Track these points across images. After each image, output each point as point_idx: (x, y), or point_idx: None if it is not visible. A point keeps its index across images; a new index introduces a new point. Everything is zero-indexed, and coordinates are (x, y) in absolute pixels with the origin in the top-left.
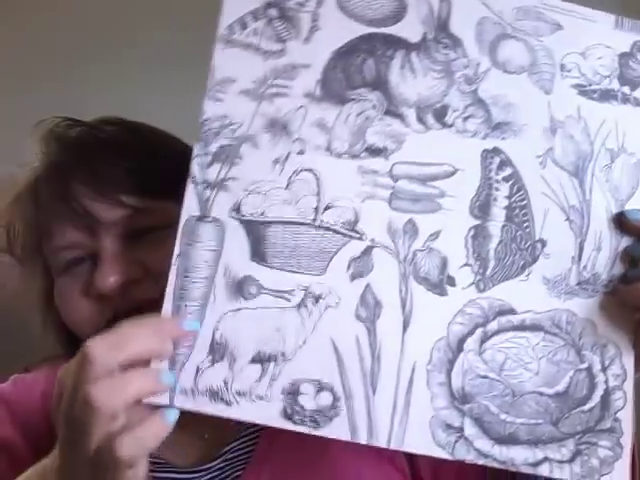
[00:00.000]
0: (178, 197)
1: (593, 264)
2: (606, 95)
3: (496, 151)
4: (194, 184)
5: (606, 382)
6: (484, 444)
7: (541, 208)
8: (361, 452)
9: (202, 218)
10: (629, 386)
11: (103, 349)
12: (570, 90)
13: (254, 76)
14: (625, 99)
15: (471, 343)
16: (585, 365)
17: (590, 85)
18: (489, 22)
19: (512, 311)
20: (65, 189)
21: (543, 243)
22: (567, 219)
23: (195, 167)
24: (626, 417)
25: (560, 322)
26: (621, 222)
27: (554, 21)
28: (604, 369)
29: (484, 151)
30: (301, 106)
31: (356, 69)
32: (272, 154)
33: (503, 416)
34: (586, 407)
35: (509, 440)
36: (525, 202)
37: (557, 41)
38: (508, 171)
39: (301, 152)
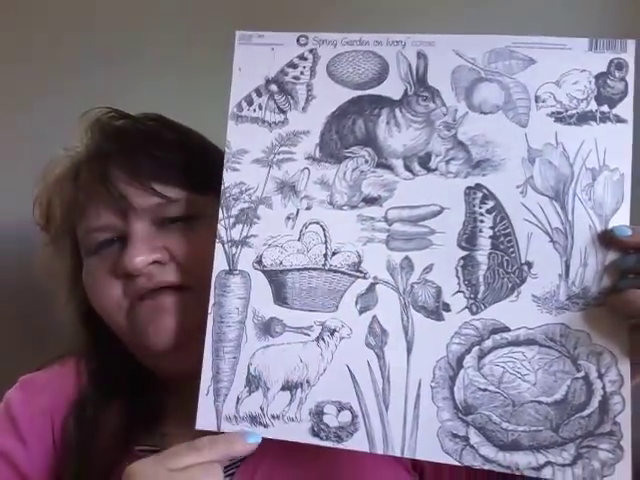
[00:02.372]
0: (205, 191)
1: (581, 279)
2: (584, 117)
3: (478, 187)
4: (221, 243)
5: (603, 388)
6: (489, 451)
7: (524, 234)
8: None
9: (231, 272)
10: (627, 390)
11: None
12: (546, 119)
13: (263, 146)
14: (604, 118)
15: (469, 360)
16: (582, 374)
17: (567, 111)
18: (463, 70)
19: (506, 329)
20: (104, 173)
21: (529, 265)
22: (551, 241)
23: (221, 229)
24: (625, 420)
25: (554, 335)
26: (607, 239)
27: (526, 57)
28: (601, 376)
29: (467, 188)
30: (305, 168)
31: (348, 130)
32: (284, 212)
33: (505, 425)
34: (585, 413)
35: (512, 446)
36: (509, 230)
37: (531, 75)
38: (490, 204)
39: (308, 208)
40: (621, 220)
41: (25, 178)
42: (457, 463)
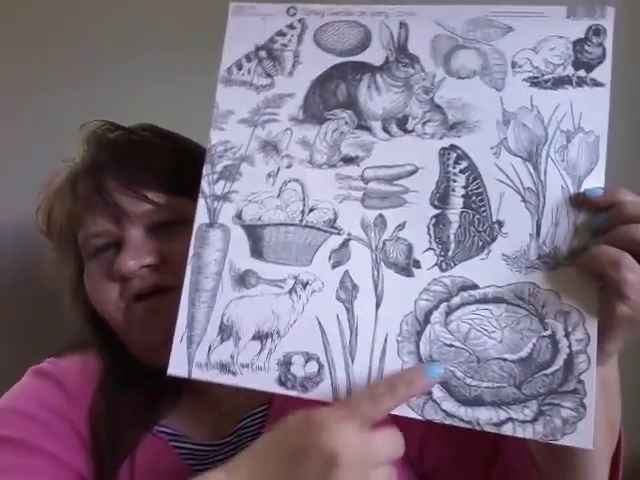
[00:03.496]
0: (195, 196)
1: (552, 239)
2: (560, 81)
3: (453, 148)
4: (204, 198)
5: (569, 347)
6: (451, 406)
7: (496, 193)
8: None
9: (211, 225)
10: (592, 349)
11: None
12: (522, 84)
13: (249, 107)
14: (581, 82)
15: (437, 316)
16: (548, 332)
17: (543, 76)
18: (442, 38)
19: (474, 286)
20: (99, 183)
21: (500, 224)
22: (522, 200)
23: (204, 184)
24: (589, 379)
25: (522, 294)
26: (579, 199)
27: (504, 25)
28: (567, 335)
29: (441, 149)
30: (287, 128)
31: (331, 93)
32: (266, 169)
33: (468, 380)
34: (549, 370)
35: (474, 402)
36: (481, 189)
37: (508, 42)
38: (464, 164)
39: (289, 166)
40: (595, 181)
41: (25, 178)
42: (419, 417)
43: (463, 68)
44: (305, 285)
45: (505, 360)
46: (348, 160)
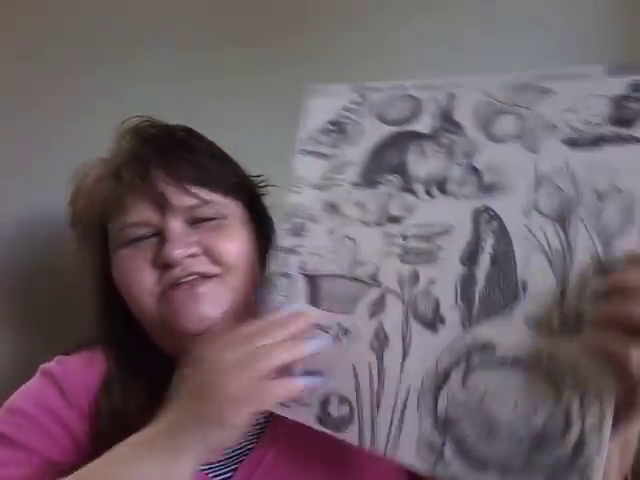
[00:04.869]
0: (228, 194)
1: (576, 306)
2: (598, 140)
3: (485, 209)
4: (276, 250)
5: (583, 423)
6: (459, 466)
7: (523, 254)
8: None
9: (280, 274)
10: (606, 430)
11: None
12: (558, 145)
13: (319, 173)
14: (619, 139)
15: (456, 374)
16: (563, 405)
17: (580, 136)
18: (485, 104)
19: (494, 348)
20: (145, 173)
21: (524, 285)
22: (549, 263)
23: (279, 238)
24: (599, 461)
25: (541, 361)
26: (606, 267)
27: (545, 88)
28: (582, 411)
29: (475, 210)
30: (348, 192)
31: (385, 160)
32: (327, 227)
33: (479, 444)
34: (560, 444)
35: (482, 466)
36: (508, 249)
37: (548, 105)
38: (494, 224)
39: (345, 224)
40: (630, 244)
41: (23, 178)
42: (430, 473)
43: (502, 133)
44: (346, 332)
45: (517, 428)
46: (393, 220)
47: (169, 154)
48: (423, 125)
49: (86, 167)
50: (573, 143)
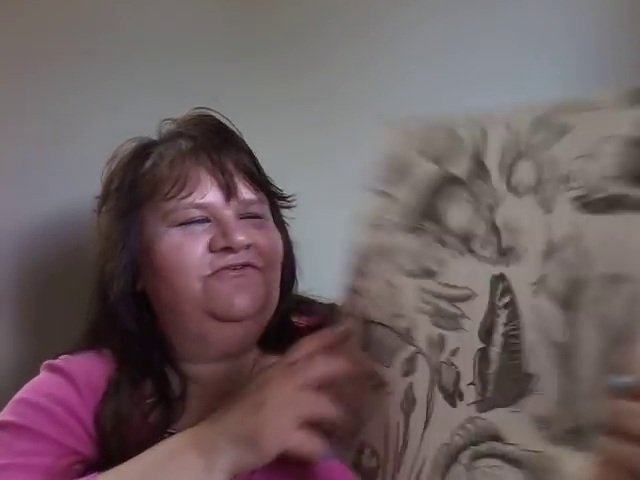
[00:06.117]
0: (268, 199)
1: (584, 409)
2: (613, 203)
3: (501, 278)
4: (343, 289)
5: None
6: None
7: (530, 341)
8: None
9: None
10: None
11: None
12: (570, 205)
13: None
14: (637, 204)
15: (464, 457)
16: None
17: (593, 195)
18: (510, 145)
19: (501, 439)
20: (221, 161)
21: (531, 378)
22: (554, 356)
23: (345, 278)
24: None
25: (544, 467)
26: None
27: (563, 125)
28: None
29: (493, 277)
30: (392, 234)
31: (425, 204)
32: (374, 269)
33: None
34: None
35: None
36: (517, 332)
37: (564, 147)
38: (507, 298)
39: (387, 269)
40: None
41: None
42: None
43: (521, 184)
44: (383, 385)
45: None
46: (428, 273)
47: (238, 148)
48: (460, 168)
49: (125, 147)
50: (586, 204)
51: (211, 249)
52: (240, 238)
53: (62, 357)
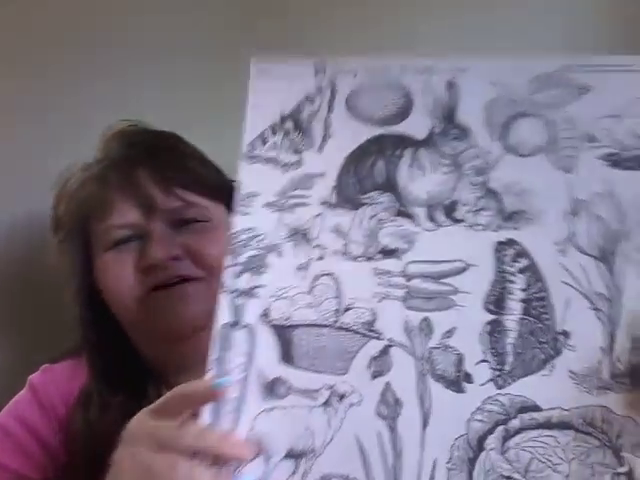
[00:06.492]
0: (215, 198)
1: (629, 355)
2: None
3: (510, 243)
4: (226, 292)
5: None
6: None
7: (562, 299)
8: None
9: (235, 325)
10: None
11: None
12: (598, 163)
13: (275, 189)
14: None
15: (492, 441)
16: (624, 469)
17: (625, 151)
18: (499, 103)
19: (536, 408)
20: (132, 176)
21: (566, 335)
22: (593, 308)
23: (227, 277)
24: None
25: (594, 420)
26: None
27: (580, 84)
28: None
29: (497, 243)
30: (319, 214)
31: (367, 173)
32: (295, 261)
33: None
34: None
35: None
36: (543, 294)
37: (584, 107)
38: (524, 262)
39: (321, 257)
40: None
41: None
42: None
43: (525, 143)
44: (342, 397)
45: None
46: (388, 252)
47: (155, 157)
48: (416, 127)
49: (69, 171)
50: (616, 161)
51: (138, 269)
52: (160, 253)
53: (42, 367)
